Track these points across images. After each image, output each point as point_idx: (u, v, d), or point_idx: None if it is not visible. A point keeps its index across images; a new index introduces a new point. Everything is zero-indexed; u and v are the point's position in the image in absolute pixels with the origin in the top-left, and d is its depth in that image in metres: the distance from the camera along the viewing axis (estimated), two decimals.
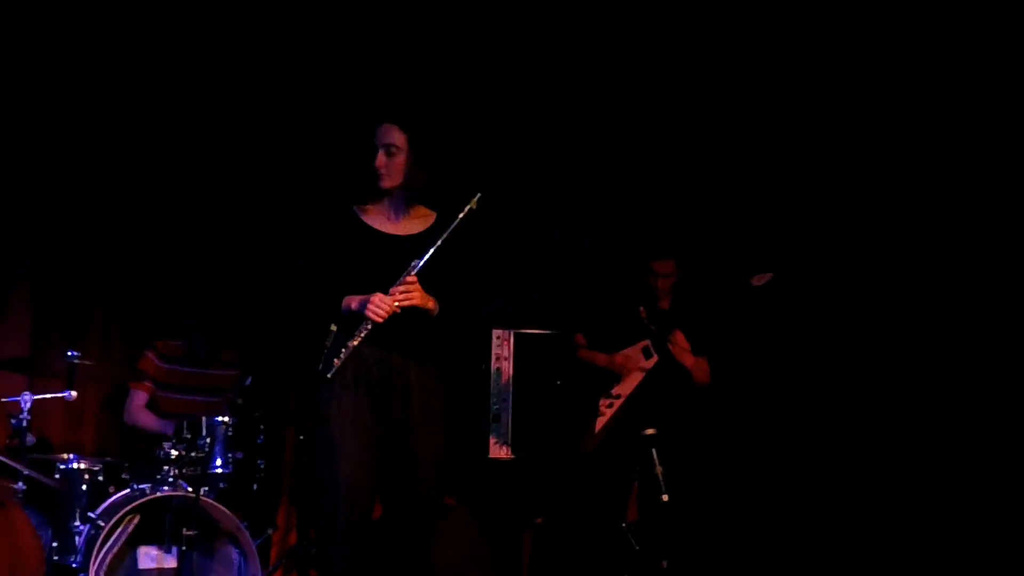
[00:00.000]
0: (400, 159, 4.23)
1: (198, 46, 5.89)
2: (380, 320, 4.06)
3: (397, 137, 4.24)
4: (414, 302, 4.11)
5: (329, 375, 4.09)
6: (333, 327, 4.14)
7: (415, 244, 4.19)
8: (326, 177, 5.48)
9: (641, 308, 5.28)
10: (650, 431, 4.99)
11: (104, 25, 5.76)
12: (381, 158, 4.23)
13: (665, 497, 4.81)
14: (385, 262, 4.16)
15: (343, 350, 4.09)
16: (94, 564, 4.62)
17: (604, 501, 5.17)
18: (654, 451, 4.92)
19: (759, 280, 5.07)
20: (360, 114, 5.00)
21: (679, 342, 5.21)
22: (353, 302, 4.13)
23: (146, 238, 6.08)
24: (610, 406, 5.20)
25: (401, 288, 4.10)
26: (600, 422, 5.21)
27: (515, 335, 5.85)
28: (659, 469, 4.88)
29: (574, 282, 6.18)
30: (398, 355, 4.17)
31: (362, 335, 4.09)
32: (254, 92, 6.04)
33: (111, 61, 5.82)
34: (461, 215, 4.14)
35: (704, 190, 6.17)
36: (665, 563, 4.81)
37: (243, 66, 5.98)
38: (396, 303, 4.08)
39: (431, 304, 4.17)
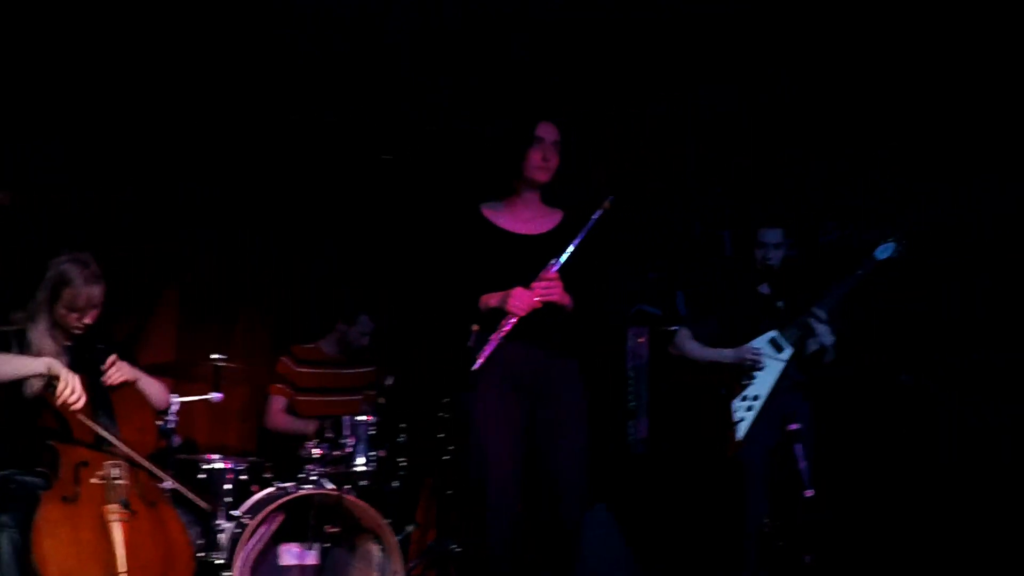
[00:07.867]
0: (558, 157, 4.29)
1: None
2: (522, 314, 4.11)
3: (558, 134, 4.30)
4: (555, 298, 4.16)
5: (474, 368, 4.13)
6: (475, 327, 4.20)
7: (548, 242, 4.24)
8: (452, 179, 5.47)
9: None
10: (795, 427, 4.84)
11: None
12: (548, 153, 4.27)
13: (809, 492, 4.69)
14: (520, 262, 4.21)
15: (487, 344, 4.13)
16: (238, 561, 4.71)
17: (748, 501, 5.04)
18: (798, 447, 4.79)
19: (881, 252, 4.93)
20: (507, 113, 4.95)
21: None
22: (492, 299, 4.19)
23: (281, 243, 6.23)
24: (749, 409, 5.03)
25: (543, 284, 4.15)
26: (742, 427, 5.03)
27: (651, 332, 5.81)
28: (803, 464, 4.74)
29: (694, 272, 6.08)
30: (541, 350, 4.21)
31: (506, 329, 4.13)
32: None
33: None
34: (597, 215, 4.18)
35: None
36: (808, 559, 4.69)
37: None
38: (538, 298, 4.13)
39: (567, 301, 4.21)
